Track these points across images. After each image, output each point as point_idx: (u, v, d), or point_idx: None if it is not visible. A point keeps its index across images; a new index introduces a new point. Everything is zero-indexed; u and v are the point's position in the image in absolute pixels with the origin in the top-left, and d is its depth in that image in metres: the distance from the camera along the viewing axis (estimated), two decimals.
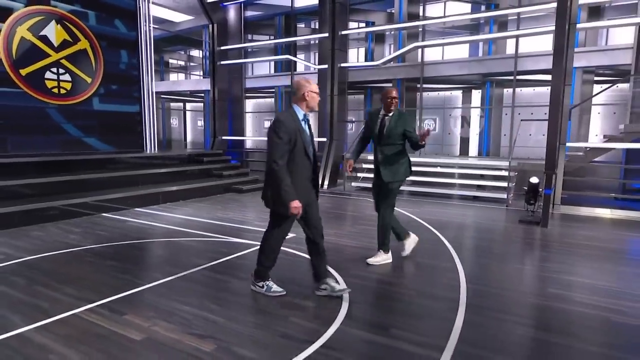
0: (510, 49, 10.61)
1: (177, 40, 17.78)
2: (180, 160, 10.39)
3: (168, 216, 7.00)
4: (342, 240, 5.49)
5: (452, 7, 12.34)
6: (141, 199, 7.80)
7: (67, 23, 8.73)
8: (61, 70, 8.72)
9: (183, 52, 20.33)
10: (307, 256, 4.75)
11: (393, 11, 12.34)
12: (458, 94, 12.56)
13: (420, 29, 10.97)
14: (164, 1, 13.50)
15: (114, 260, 4.54)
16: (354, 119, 14.07)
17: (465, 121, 12.28)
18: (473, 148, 12.08)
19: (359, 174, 10.79)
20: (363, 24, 13.14)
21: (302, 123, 3.38)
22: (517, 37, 9.70)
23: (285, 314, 3.23)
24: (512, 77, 9.94)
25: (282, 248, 5.10)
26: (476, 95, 12.12)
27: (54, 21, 8.52)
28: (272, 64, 15.78)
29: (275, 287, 3.61)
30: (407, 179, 4.63)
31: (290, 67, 13.42)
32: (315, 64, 12.14)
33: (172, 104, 20.02)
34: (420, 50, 10.93)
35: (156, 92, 11.26)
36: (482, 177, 9.37)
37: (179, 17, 15.59)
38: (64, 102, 8.81)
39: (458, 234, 6.00)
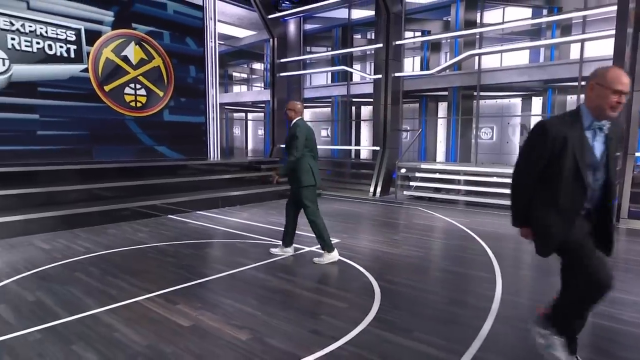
0: (574, 53, 10.09)
1: (240, 54, 18.89)
2: (240, 167, 11.07)
3: (225, 219, 7.55)
4: (382, 246, 5.64)
5: (511, 13, 11.96)
6: (202, 203, 8.46)
7: (144, 43, 9.75)
8: (138, 86, 9.73)
9: (245, 66, 21.51)
10: (346, 259, 5.00)
11: (449, 19, 12.23)
12: (517, 101, 12.12)
13: (477, 36, 10.78)
14: (229, 19, 14.48)
15: (173, 257, 5.07)
16: (408, 128, 14.07)
17: (525, 129, 11.80)
18: None
19: (411, 183, 10.80)
20: (419, 33, 13.15)
21: (587, 133, 2.28)
22: (582, 41, 9.23)
23: (317, 312, 3.48)
24: (576, 83, 9.45)
25: (322, 251, 5.40)
26: (537, 103, 11.62)
27: (133, 42, 9.56)
28: (329, 74, 16.21)
29: (559, 353, 2.43)
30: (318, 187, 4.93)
31: (346, 77, 13.74)
32: (370, 74, 12.34)
33: (235, 114, 21.22)
34: (477, 57, 10.75)
35: (220, 104, 12.11)
36: None
37: (243, 33, 16.60)
38: (139, 114, 9.82)
39: (504, 245, 5.89)
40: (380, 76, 11.34)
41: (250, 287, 4.11)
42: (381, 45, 11.19)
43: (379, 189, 10.98)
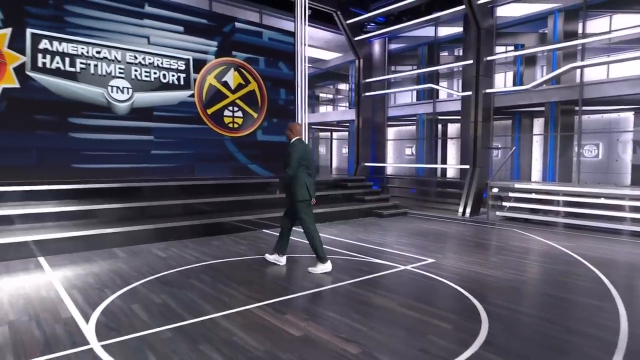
0: None
1: (326, 76, 19.55)
2: (326, 185, 11.32)
3: None
4: (479, 268, 5.42)
5: (619, 20, 11.00)
6: None
7: (241, 69, 10.54)
8: (235, 109, 10.50)
9: (331, 86, 22.18)
10: (444, 280, 4.88)
11: (546, 31, 11.59)
12: (628, 115, 11.01)
13: (579, 48, 10.06)
14: (316, 42, 15.09)
15: (273, 269, 5.34)
16: (500, 145, 13.41)
17: (638, 146, 10.66)
18: None
19: (504, 203, 10.24)
20: (511, 47, 12.61)
21: None
22: None
23: (423, 331, 3.45)
24: None
25: (418, 271, 5.34)
26: None
27: (232, 68, 10.38)
28: (414, 92, 16.11)
29: None
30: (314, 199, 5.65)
31: (432, 95, 13.56)
32: (458, 91, 12.06)
33: (321, 133, 21.86)
34: (578, 70, 10.02)
35: (308, 123, 12.58)
36: None
37: (329, 56, 17.19)
38: (236, 135, 10.55)
39: (621, 273, 5.35)
40: (469, 93, 11.04)
41: (351, 301, 4.19)
42: (471, 61, 10.92)
43: (468, 209, 10.56)
